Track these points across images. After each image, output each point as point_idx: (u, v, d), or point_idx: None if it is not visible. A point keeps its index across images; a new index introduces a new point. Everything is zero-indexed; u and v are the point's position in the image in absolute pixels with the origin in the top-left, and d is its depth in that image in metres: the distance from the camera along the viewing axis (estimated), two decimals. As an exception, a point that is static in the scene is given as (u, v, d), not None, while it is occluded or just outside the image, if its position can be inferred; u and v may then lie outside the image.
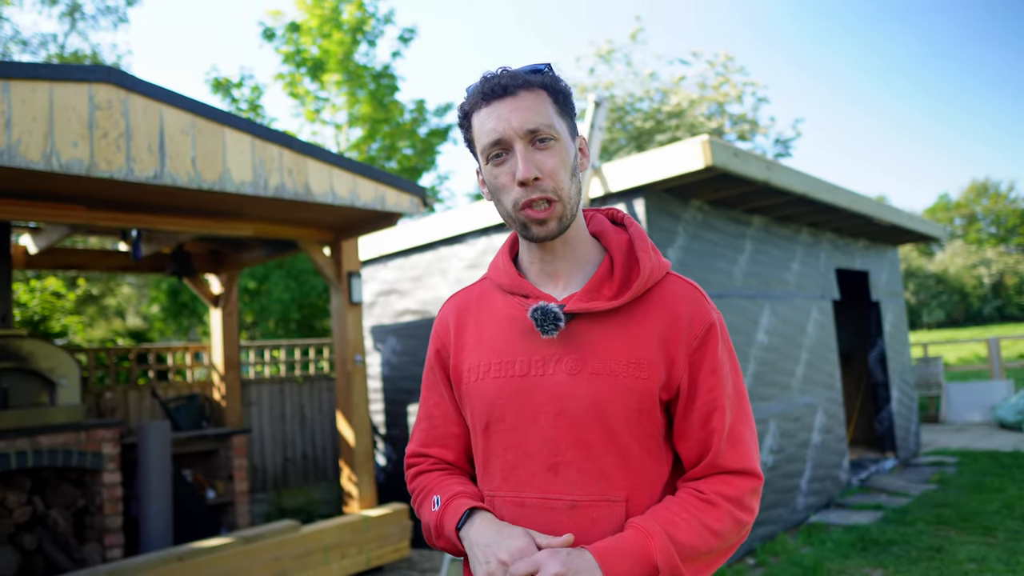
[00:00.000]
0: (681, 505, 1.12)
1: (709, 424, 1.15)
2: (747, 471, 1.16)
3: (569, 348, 1.15)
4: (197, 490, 5.67)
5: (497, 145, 1.13)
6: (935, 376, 10.74)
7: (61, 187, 3.57)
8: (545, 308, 1.13)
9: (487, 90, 1.14)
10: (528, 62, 1.23)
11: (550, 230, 1.14)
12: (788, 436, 5.55)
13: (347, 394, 5.10)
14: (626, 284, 1.17)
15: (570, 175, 1.15)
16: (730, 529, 1.13)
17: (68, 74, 3.24)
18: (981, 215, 49.71)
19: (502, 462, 1.17)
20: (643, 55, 30.90)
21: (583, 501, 1.12)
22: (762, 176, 4.70)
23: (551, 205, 1.13)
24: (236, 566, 4.07)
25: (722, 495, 1.13)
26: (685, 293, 1.19)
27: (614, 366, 1.13)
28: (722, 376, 1.16)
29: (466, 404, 1.24)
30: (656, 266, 1.19)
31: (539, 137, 1.12)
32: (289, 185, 4.07)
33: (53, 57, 12.98)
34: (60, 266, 5.85)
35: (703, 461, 1.16)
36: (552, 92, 1.15)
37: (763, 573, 4.38)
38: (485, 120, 1.14)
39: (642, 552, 1.05)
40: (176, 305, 10.93)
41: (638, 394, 1.12)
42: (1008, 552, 4.36)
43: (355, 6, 13.40)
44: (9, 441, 4.23)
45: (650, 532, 1.07)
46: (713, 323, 1.18)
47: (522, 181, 1.11)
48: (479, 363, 1.21)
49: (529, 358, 1.17)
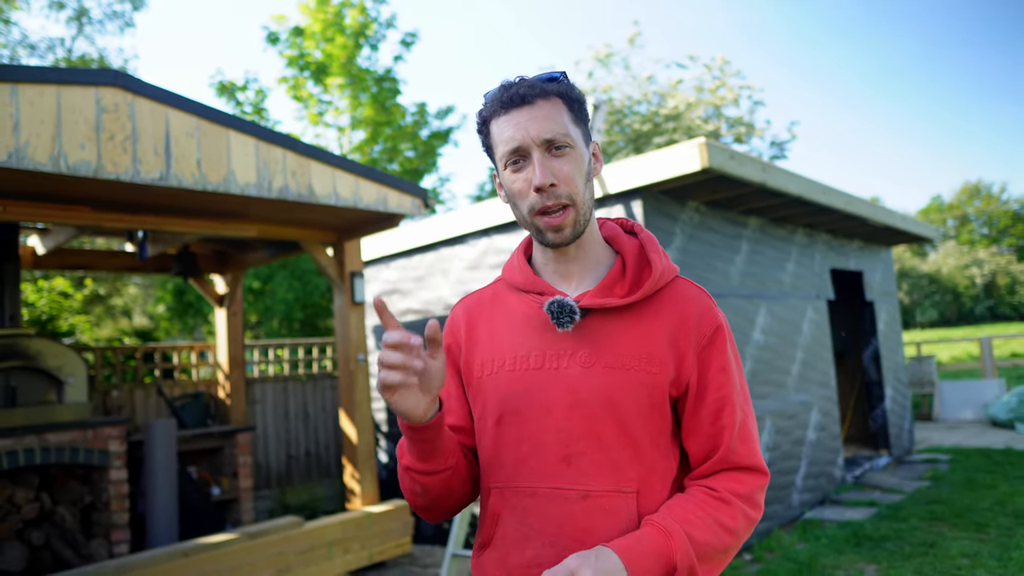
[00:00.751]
0: (697, 503, 1.12)
1: (720, 421, 1.16)
2: (756, 467, 1.18)
3: (583, 342, 1.16)
4: (202, 487, 5.67)
5: (515, 153, 1.16)
6: (928, 374, 10.74)
7: (68, 189, 3.57)
8: (561, 302, 1.15)
9: (506, 99, 1.16)
10: (528, 67, 1.22)
11: (565, 236, 1.17)
12: (784, 433, 5.55)
13: (350, 392, 5.10)
14: (638, 283, 1.19)
15: (585, 181, 1.18)
16: (743, 527, 1.13)
17: (75, 78, 3.25)
18: (973, 216, 49.70)
19: (515, 454, 1.18)
20: (641, 59, 30.95)
21: (595, 492, 1.12)
22: (758, 178, 4.70)
23: (566, 210, 1.15)
24: (241, 561, 4.07)
25: (734, 493, 1.14)
26: (694, 295, 1.21)
27: (627, 360, 1.14)
28: (731, 374, 1.18)
29: (477, 398, 1.24)
30: (667, 268, 1.21)
31: (556, 145, 1.14)
32: (293, 187, 4.07)
33: (61, 61, 12.98)
34: (67, 266, 5.85)
35: (714, 456, 1.16)
36: (567, 100, 1.17)
37: (759, 569, 4.37)
38: (504, 128, 1.17)
39: (662, 551, 1.05)
40: (182, 305, 10.93)
41: (650, 388, 1.14)
42: (1000, 548, 4.36)
43: (358, 11, 13.41)
44: (17, 438, 4.23)
45: (670, 531, 1.07)
46: (721, 324, 1.20)
47: (539, 187, 1.13)
48: (492, 358, 1.23)
49: (543, 352, 1.18)
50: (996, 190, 49.87)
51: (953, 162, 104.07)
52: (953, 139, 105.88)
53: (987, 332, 26.90)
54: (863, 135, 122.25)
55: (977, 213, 49.54)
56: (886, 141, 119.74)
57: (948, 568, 4.11)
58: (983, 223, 49.59)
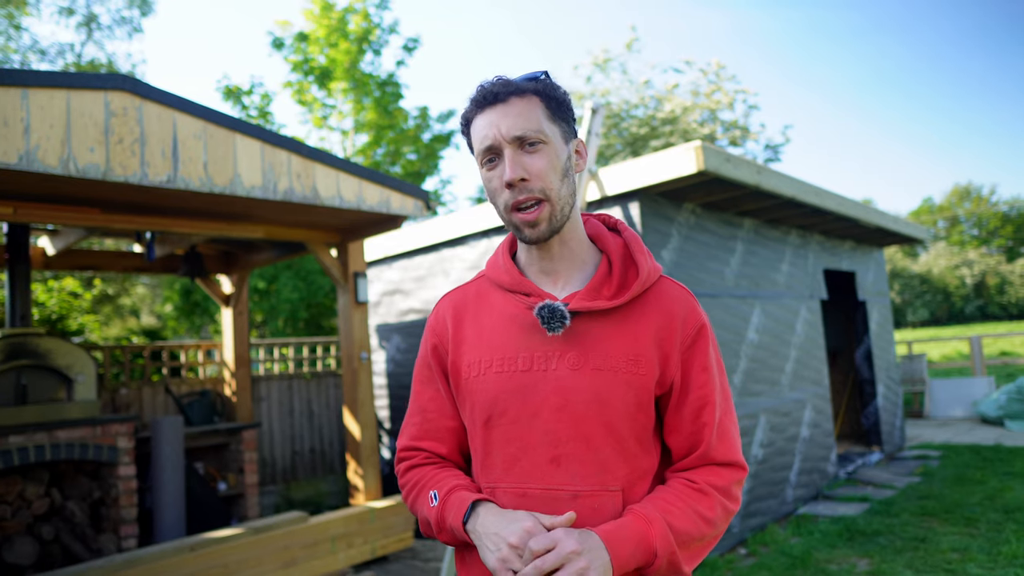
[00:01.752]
0: (676, 494, 1.13)
1: (700, 418, 1.17)
2: (734, 463, 1.19)
3: (571, 345, 1.15)
4: (209, 482, 5.67)
5: (489, 151, 1.15)
6: (919, 373, 10.74)
7: (78, 191, 3.57)
8: (552, 307, 1.14)
9: (480, 98, 1.16)
10: (527, 71, 1.22)
11: (540, 232, 1.15)
12: (778, 430, 5.55)
13: (353, 390, 5.09)
14: (624, 285, 1.18)
15: (560, 177, 1.15)
16: (720, 517, 1.15)
17: (85, 82, 3.24)
18: (963, 218, 49.68)
19: (504, 455, 1.17)
20: (638, 64, 30.98)
21: (585, 492, 1.12)
22: (753, 180, 4.70)
23: (540, 205, 1.13)
24: (246, 555, 4.07)
25: (712, 485, 1.15)
26: (678, 295, 1.21)
27: (614, 362, 1.14)
28: (712, 374, 1.18)
29: (465, 399, 1.23)
30: (652, 268, 1.21)
31: (528, 141, 1.13)
32: (297, 189, 4.07)
33: (70, 66, 12.98)
34: (77, 267, 5.85)
35: (694, 453, 1.17)
36: (544, 98, 1.16)
37: (754, 563, 4.37)
38: (479, 127, 1.16)
39: (643, 538, 1.07)
40: (189, 304, 10.92)
41: (636, 389, 1.14)
42: (989, 542, 4.36)
43: (361, 17, 13.41)
44: (28, 435, 4.23)
45: (650, 519, 1.08)
46: (704, 324, 1.20)
47: (508, 183, 1.12)
48: (480, 359, 1.21)
49: (531, 354, 1.17)
50: (986, 192, 49.88)
51: (944, 165, 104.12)
52: (944, 142, 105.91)
53: (977, 331, 26.91)
54: (856, 138, 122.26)
55: (967, 215, 49.52)
56: (878, 144, 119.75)
57: (939, 562, 4.11)
58: (973, 224, 49.59)
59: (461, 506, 1.15)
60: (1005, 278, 39.72)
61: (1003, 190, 64.79)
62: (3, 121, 2.98)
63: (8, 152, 2.98)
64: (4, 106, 2.98)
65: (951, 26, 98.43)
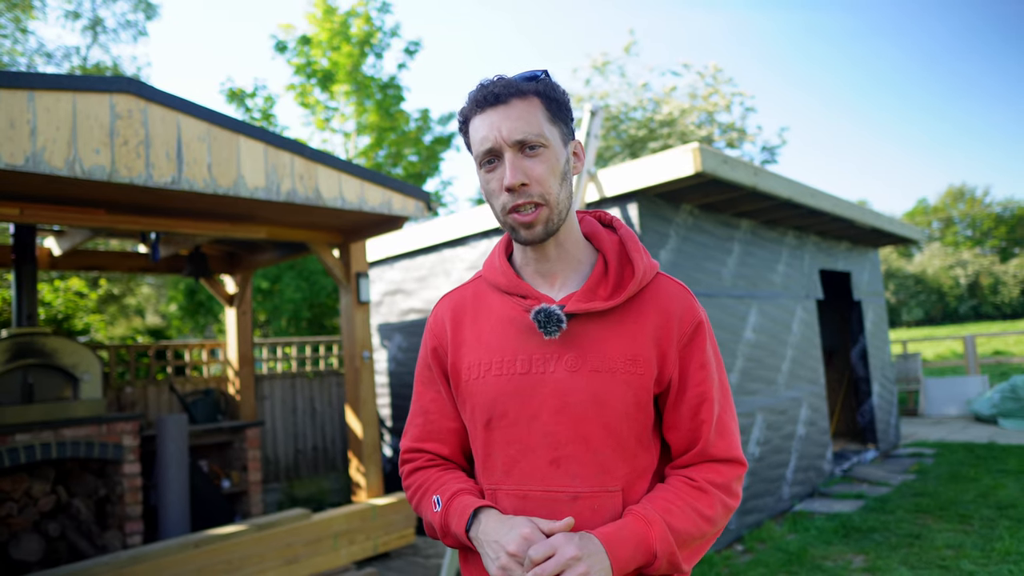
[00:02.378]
0: (675, 493, 1.12)
1: (699, 415, 1.16)
2: (734, 459, 1.18)
3: (568, 346, 1.14)
4: (213, 480, 5.67)
5: (489, 153, 1.13)
6: (914, 371, 10.74)
7: (84, 192, 3.57)
8: (548, 310, 1.12)
9: (480, 98, 1.13)
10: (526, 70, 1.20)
11: (536, 234, 1.13)
12: (774, 428, 5.55)
13: (355, 389, 5.09)
14: (621, 284, 1.17)
15: (559, 180, 1.14)
16: (720, 514, 1.14)
17: (90, 85, 3.24)
18: (957, 219, 49.67)
19: (504, 457, 1.16)
20: (636, 67, 30.92)
21: (585, 493, 1.11)
22: (749, 182, 4.70)
23: (537, 209, 1.12)
24: (250, 552, 4.07)
25: (712, 482, 1.14)
26: (675, 292, 1.19)
27: (612, 363, 1.13)
28: (710, 371, 1.17)
29: (465, 401, 1.21)
30: (648, 267, 1.19)
31: (528, 145, 1.11)
32: (300, 190, 4.07)
33: (76, 69, 12.98)
34: (83, 267, 5.85)
35: (693, 450, 1.16)
36: (545, 99, 1.14)
37: (751, 559, 4.37)
38: (479, 128, 1.13)
39: (642, 539, 1.06)
40: (193, 304, 10.93)
41: (635, 389, 1.12)
42: (983, 539, 4.36)
43: (363, 20, 13.40)
44: (34, 433, 4.23)
45: (650, 520, 1.07)
46: (702, 321, 1.19)
47: (509, 187, 1.10)
48: (479, 361, 1.19)
49: (529, 356, 1.15)
50: (979, 193, 49.84)
51: (938, 166, 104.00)
52: (938, 144, 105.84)
53: (971, 331, 26.90)
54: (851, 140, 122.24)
55: (961, 216, 49.51)
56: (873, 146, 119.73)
57: (933, 558, 4.11)
58: (967, 225, 49.56)
59: (463, 514, 1.13)
60: (999, 278, 39.70)
61: (997, 191, 64.78)
62: (10, 123, 2.98)
63: (15, 154, 2.98)
64: (11, 108, 2.98)
65: (945, 29, 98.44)
